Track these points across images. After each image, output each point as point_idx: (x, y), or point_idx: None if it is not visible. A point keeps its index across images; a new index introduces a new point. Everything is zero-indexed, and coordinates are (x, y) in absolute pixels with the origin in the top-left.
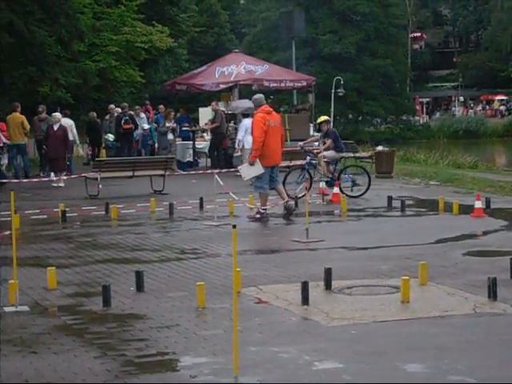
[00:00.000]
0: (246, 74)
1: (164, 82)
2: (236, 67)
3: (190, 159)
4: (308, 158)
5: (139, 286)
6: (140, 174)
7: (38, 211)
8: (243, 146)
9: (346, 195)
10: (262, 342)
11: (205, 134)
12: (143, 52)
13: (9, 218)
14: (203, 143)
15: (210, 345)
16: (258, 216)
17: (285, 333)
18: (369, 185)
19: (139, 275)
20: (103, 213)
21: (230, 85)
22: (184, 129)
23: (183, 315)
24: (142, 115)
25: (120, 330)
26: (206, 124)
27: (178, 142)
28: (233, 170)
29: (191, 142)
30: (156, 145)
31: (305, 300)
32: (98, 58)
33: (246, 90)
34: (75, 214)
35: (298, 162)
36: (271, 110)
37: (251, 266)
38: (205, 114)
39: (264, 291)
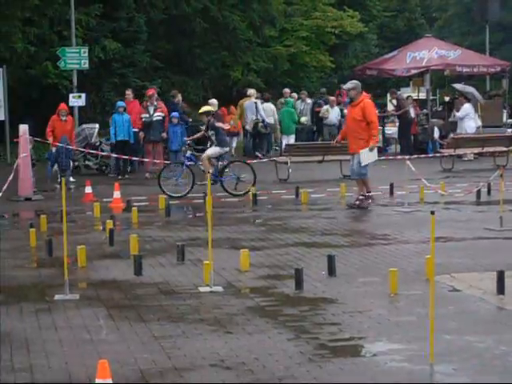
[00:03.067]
0: (438, 59)
1: (353, 67)
2: (428, 52)
3: (380, 145)
4: (188, 153)
5: (331, 271)
6: (330, 158)
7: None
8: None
9: (230, 193)
10: (457, 331)
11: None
12: (333, 37)
13: (201, 200)
14: (393, 129)
15: (403, 331)
16: (368, 201)
17: (480, 322)
18: (254, 182)
19: (331, 259)
20: (293, 197)
21: (422, 70)
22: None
23: (375, 301)
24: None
25: (312, 313)
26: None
27: None
28: (423, 156)
29: (381, 128)
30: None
31: (500, 289)
32: (289, 43)
33: (436, 76)
34: (265, 198)
35: (491, 149)
36: None
37: (444, 254)
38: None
39: (457, 279)
